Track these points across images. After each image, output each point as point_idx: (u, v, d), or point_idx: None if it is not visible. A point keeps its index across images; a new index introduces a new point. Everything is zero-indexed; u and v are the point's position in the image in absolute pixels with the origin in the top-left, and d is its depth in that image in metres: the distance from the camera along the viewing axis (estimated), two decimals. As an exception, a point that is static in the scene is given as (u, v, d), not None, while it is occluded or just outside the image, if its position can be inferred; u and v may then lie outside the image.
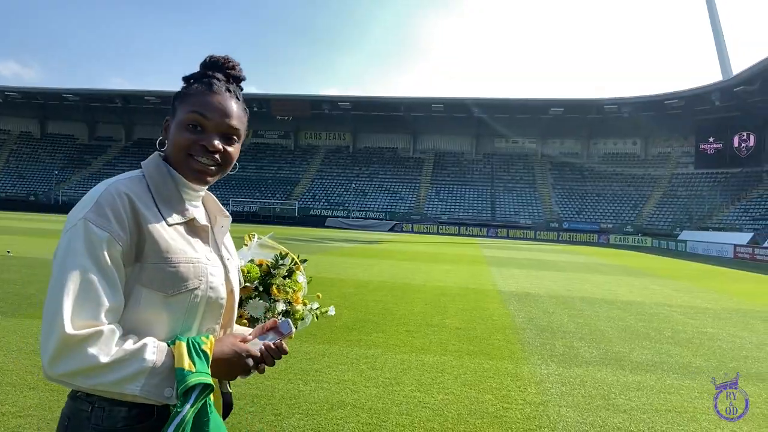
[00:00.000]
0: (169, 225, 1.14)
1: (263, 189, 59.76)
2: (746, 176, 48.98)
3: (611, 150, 61.55)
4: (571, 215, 53.65)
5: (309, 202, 57.30)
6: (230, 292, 1.24)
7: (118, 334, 1.03)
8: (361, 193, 59.00)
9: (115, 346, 1.01)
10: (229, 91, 1.22)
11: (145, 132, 69.35)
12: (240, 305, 1.55)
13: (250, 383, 3.94)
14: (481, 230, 50.04)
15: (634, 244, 44.09)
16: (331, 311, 1.84)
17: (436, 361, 5.03)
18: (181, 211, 1.18)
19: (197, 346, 1.07)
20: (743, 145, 50.17)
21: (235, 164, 1.29)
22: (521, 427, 3.53)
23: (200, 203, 1.28)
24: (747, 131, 49.37)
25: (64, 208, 53.75)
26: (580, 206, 55.16)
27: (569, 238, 47.77)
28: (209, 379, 1.05)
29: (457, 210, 56.02)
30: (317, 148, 67.76)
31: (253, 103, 63.56)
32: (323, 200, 58.07)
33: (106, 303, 1.03)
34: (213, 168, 1.18)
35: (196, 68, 1.29)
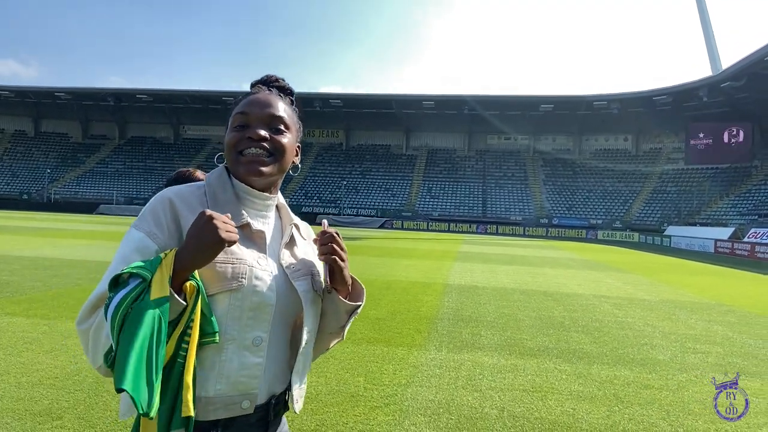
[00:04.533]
0: None
1: (256, 186, 59.99)
2: (735, 171, 49.19)
3: (603, 146, 61.73)
4: (562, 211, 53.81)
5: (301, 200, 57.47)
6: (290, 300, 1.19)
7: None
8: (353, 190, 59.17)
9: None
10: (270, 90, 1.25)
11: (139, 130, 69.63)
12: None
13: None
14: (470, 227, 50.23)
15: (621, 239, 44.29)
16: None
17: (332, 348, 5.25)
18: (235, 216, 1.15)
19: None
20: (733, 140, 50.32)
21: (297, 165, 1.30)
22: (371, 404, 3.77)
23: (272, 214, 1.27)
24: (736, 126, 49.55)
25: (57, 206, 54.06)
26: (570, 202, 55.32)
27: (558, 234, 47.97)
28: (141, 271, 0.97)
29: (448, 206, 56.21)
30: (310, 146, 67.92)
31: (245, 100, 63.59)
32: (315, 197, 58.27)
33: None
34: (264, 158, 1.17)
35: (194, 66, 1.39)
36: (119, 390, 0.89)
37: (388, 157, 65.49)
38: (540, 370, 4.85)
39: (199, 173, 2.13)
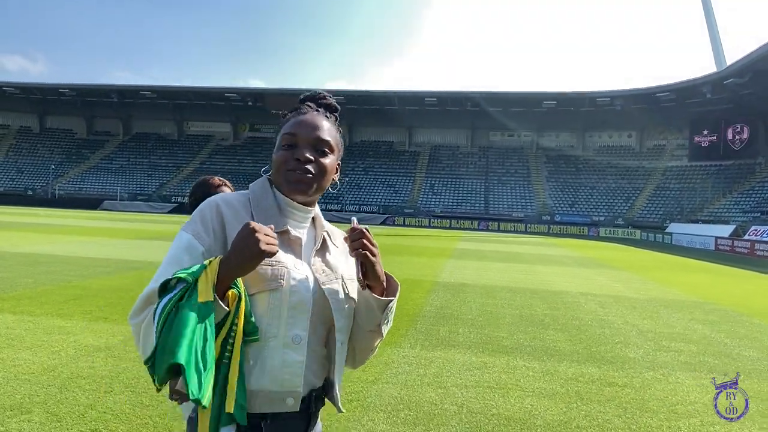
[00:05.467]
0: None
1: (258, 183, 60.20)
2: (739, 168, 48.96)
3: (606, 143, 61.58)
4: (564, 208, 53.76)
5: (303, 196, 57.60)
6: (323, 302, 1.26)
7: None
8: (356, 187, 59.29)
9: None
10: (318, 111, 1.31)
11: (143, 126, 69.93)
12: None
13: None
14: (472, 223, 50.28)
15: (622, 236, 44.25)
16: None
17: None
18: (276, 223, 1.23)
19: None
20: (737, 137, 50.08)
21: (336, 183, 1.37)
22: (335, 400, 3.87)
23: (308, 224, 1.34)
24: (740, 123, 49.29)
25: (61, 202, 54.44)
26: (573, 199, 55.26)
27: (560, 231, 47.95)
28: (187, 276, 1.06)
29: (450, 203, 56.25)
30: (313, 142, 68.04)
31: (248, 98, 63.97)
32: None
33: None
34: (308, 177, 1.24)
35: (197, 62, 1.50)
36: (173, 365, 0.97)
37: (390, 153, 65.54)
38: (509, 367, 4.95)
39: (217, 180, 2.31)
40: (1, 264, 10.07)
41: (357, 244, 1.25)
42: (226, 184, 2.27)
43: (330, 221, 1.43)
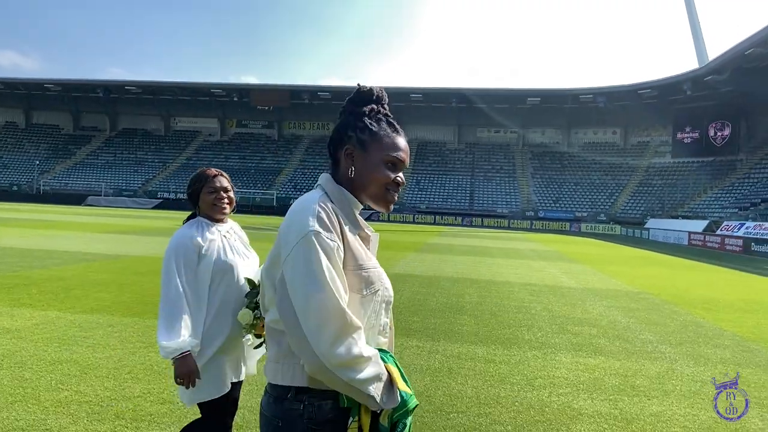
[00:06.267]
0: (354, 236, 1.35)
1: (245, 179, 60.23)
2: (720, 165, 49.53)
3: (591, 139, 62.08)
4: (548, 204, 54.21)
5: (290, 192, 57.85)
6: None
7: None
8: (342, 183, 59.43)
9: (366, 344, 1.26)
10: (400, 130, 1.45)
11: (130, 122, 69.82)
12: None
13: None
14: (456, 219, 50.61)
15: (603, 232, 44.71)
16: None
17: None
18: (357, 224, 1.37)
19: (402, 372, 1.33)
20: (718, 134, 50.66)
21: None
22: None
23: None
24: (722, 120, 49.88)
25: (45, 198, 54.37)
26: (557, 195, 55.72)
27: (542, 226, 48.36)
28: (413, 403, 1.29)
29: (436, 199, 56.60)
30: (301, 138, 68.21)
31: (234, 93, 63.96)
32: (304, 190, 58.49)
33: (346, 301, 1.24)
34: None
35: (191, 59, 1.63)
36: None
37: (377, 149, 65.69)
38: (400, 347, 5.21)
39: (213, 170, 2.35)
40: (-46, 255, 10.26)
41: None
42: (222, 174, 2.34)
43: None
